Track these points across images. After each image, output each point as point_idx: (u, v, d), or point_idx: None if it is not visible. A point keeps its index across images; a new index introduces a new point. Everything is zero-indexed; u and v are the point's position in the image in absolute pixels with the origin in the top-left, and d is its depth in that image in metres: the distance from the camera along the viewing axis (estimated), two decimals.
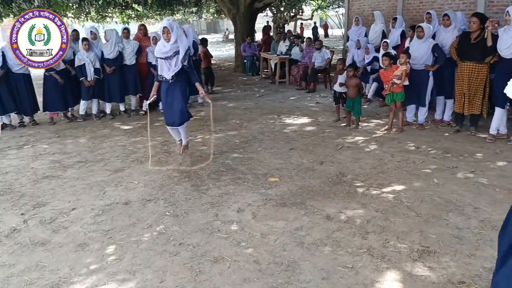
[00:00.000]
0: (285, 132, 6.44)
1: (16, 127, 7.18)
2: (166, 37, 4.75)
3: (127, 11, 16.75)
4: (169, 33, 4.73)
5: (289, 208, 3.88)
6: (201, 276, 2.89)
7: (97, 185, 4.59)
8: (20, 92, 7.00)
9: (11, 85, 6.90)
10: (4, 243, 3.42)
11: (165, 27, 4.76)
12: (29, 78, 7.13)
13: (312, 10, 26.71)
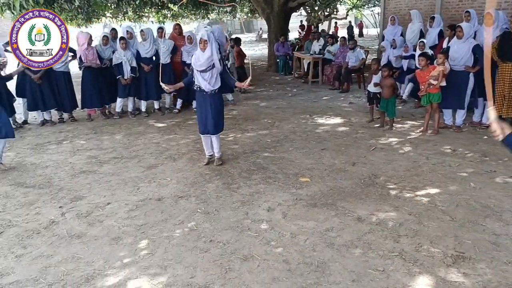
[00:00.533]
0: (317, 132, 6.40)
1: (56, 123, 7.45)
2: (203, 47, 4.69)
3: (163, 10, 17.05)
4: (206, 43, 4.68)
5: (319, 209, 3.86)
6: (230, 274, 2.92)
7: (132, 181, 4.70)
8: (60, 89, 7.25)
9: (52, 83, 7.16)
10: (43, 235, 3.56)
11: (202, 38, 4.69)
12: (68, 76, 7.39)
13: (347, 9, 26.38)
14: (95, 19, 16.63)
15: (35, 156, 5.70)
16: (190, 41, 7.40)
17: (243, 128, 6.80)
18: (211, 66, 4.73)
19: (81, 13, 13.72)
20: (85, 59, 7.16)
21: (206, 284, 2.81)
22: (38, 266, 3.09)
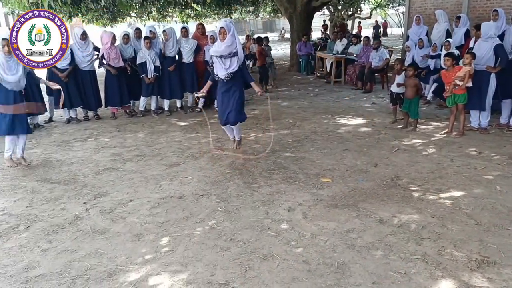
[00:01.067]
0: (339, 133, 6.35)
1: (81, 121, 7.61)
2: (222, 37, 4.78)
3: (187, 10, 17.20)
4: (225, 33, 4.75)
5: (340, 210, 3.83)
6: (250, 273, 2.93)
7: (154, 178, 4.76)
8: (86, 88, 7.41)
9: (78, 81, 7.32)
10: (67, 230, 3.64)
11: (221, 28, 4.78)
12: (94, 75, 7.54)
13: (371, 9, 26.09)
14: (120, 19, 16.91)
15: (61, 152, 5.83)
16: (212, 41, 7.43)
17: (264, 127, 6.80)
18: (232, 54, 4.79)
19: (106, 13, 13.97)
20: (107, 58, 7.28)
21: (226, 283, 2.83)
22: (62, 261, 3.16)
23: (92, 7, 11.27)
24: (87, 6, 10.87)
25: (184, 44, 7.67)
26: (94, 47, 7.43)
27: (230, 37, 4.76)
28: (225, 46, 4.77)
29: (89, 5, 10.80)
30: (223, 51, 4.81)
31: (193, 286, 2.81)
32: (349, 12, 23.20)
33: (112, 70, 7.33)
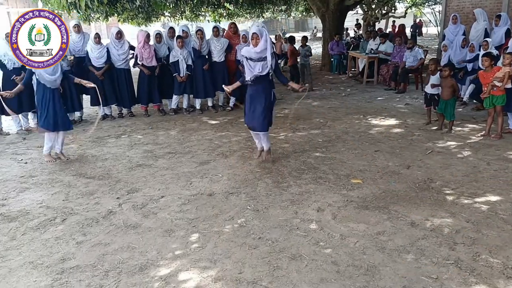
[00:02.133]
0: (371, 133, 6.26)
1: (116, 118, 7.80)
2: (255, 43, 4.70)
3: (219, 9, 17.34)
4: (258, 39, 4.67)
5: (371, 212, 3.78)
6: (278, 272, 2.93)
7: (185, 175, 4.83)
8: (121, 86, 7.59)
9: (113, 79, 7.51)
10: (101, 224, 3.74)
11: (254, 33, 4.71)
12: (129, 73, 7.70)
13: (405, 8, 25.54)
14: (154, 18, 17.22)
15: (95, 148, 6.00)
16: (244, 40, 7.46)
17: (294, 127, 6.78)
18: (261, 58, 4.73)
19: (141, 12, 14.25)
20: (140, 57, 7.43)
21: (254, 280, 2.84)
22: (96, 253, 3.26)
23: (128, 7, 11.52)
24: (123, 5, 11.12)
25: (216, 43, 7.74)
26: (129, 46, 7.59)
27: (262, 43, 4.66)
28: (255, 51, 4.71)
29: (125, 4, 11.04)
30: (251, 54, 4.78)
31: (222, 282, 2.84)
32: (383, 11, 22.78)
33: (144, 70, 7.47)
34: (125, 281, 2.89)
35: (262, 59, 4.73)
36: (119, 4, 10.74)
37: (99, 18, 12.74)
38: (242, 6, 16.56)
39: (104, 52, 7.28)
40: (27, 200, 4.28)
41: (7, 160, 5.59)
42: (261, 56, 4.72)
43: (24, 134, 6.84)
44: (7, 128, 7.08)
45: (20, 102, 6.67)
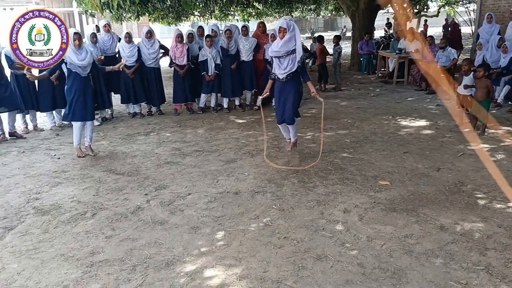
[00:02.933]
0: (400, 135, 6.15)
1: (145, 116, 7.94)
2: (282, 36, 4.75)
3: (248, 9, 17.39)
4: (285, 32, 4.73)
5: (399, 214, 3.72)
6: (303, 272, 2.92)
7: (211, 173, 4.88)
8: (150, 84, 7.71)
9: (143, 78, 7.65)
10: (129, 219, 3.82)
11: (281, 27, 4.76)
12: (159, 72, 7.83)
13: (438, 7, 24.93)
14: (184, 18, 17.42)
15: (125, 145, 6.13)
16: (273, 39, 7.45)
17: (321, 127, 6.72)
18: (290, 52, 4.74)
19: (171, 12, 14.45)
20: (173, 56, 7.54)
21: (279, 280, 2.84)
22: (124, 248, 3.33)
23: (159, 6, 11.69)
24: (153, 5, 11.29)
25: (244, 42, 7.76)
26: (160, 45, 7.71)
27: (290, 33, 4.73)
28: (282, 43, 4.75)
29: (156, 4, 11.21)
30: (280, 49, 4.80)
31: (246, 281, 2.85)
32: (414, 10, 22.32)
33: (178, 69, 7.56)
34: (152, 276, 2.94)
35: (291, 52, 4.74)
36: (150, 4, 10.91)
37: (130, 18, 12.98)
38: (271, 5, 16.54)
39: (135, 51, 7.41)
40: (59, 195, 4.41)
41: (41, 155, 5.78)
42: (289, 50, 4.75)
43: (58, 130, 7.05)
44: (41, 124, 7.32)
45: (54, 98, 6.89)
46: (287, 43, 4.77)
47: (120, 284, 2.87)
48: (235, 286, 2.81)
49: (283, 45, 4.78)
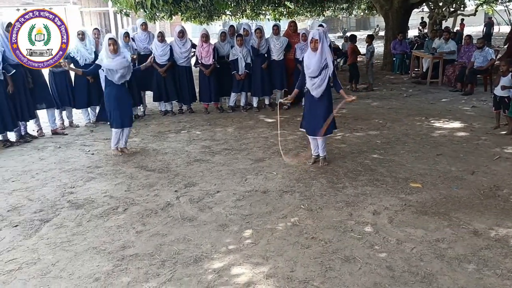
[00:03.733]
0: (433, 136, 6.01)
1: (176, 114, 8.06)
2: (313, 46, 4.63)
3: (280, 8, 17.36)
4: (317, 43, 4.60)
5: (430, 217, 3.63)
6: (330, 273, 2.90)
7: (240, 172, 4.90)
8: (182, 83, 7.82)
9: (175, 76, 7.76)
10: (159, 215, 3.89)
11: (313, 38, 4.63)
12: (190, 70, 7.92)
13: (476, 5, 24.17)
14: (216, 17, 17.56)
15: (156, 142, 6.24)
16: (304, 39, 7.43)
17: (352, 127, 6.66)
18: (322, 68, 4.64)
19: (203, 11, 14.59)
20: (199, 56, 7.61)
21: (306, 280, 2.83)
22: (154, 243, 3.39)
23: (191, 6, 11.84)
24: (186, 4, 11.44)
25: (275, 42, 7.75)
26: (192, 44, 7.80)
27: (320, 48, 4.57)
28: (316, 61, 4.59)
29: (188, 4, 11.35)
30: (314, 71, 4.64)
31: (273, 279, 2.86)
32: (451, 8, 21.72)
33: (203, 69, 7.62)
34: (180, 272, 2.99)
35: (323, 67, 4.63)
36: (182, 3, 11.06)
37: (163, 17, 13.19)
38: (303, 4, 16.45)
39: (167, 50, 7.52)
40: (93, 189, 4.54)
41: (76, 151, 5.96)
42: (322, 66, 4.62)
43: (92, 127, 7.25)
44: (76, 120, 7.54)
45: (89, 96, 7.08)
46: (319, 58, 4.60)
47: (149, 278, 2.93)
48: (262, 284, 2.82)
49: (316, 62, 4.61)
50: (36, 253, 3.30)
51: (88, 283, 2.90)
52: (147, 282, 2.89)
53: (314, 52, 4.66)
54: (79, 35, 6.86)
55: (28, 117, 6.41)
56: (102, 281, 2.91)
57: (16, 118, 6.15)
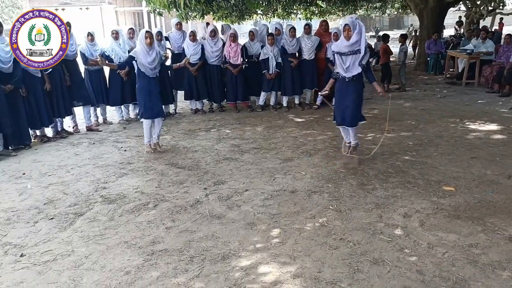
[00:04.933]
0: (468, 139, 5.84)
1: (206, 112, 8.14)
2: (347, 35, 4.61)
3: (311, 7, 17.25)
4: (350, 31, 4.58)
5: (463, 222, 3.54)
6: (358, 275, 2.87)
7: (268, 171, 4.91)
8: (213, 81, 7.89)
9: (206, 75, 7.83)
10: (189, 212, 3.95)
11: (346, 25, 4.63)
12: (221, 69, 7.98)
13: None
14: (247, 17, 17.61)
15: (187, 140, 6.32)
16: (336, 38, 7.35)
17: (383, 128, 6.55)
18: (354, 51, 4.61)
19: (235, 11, 14.67)
20: (228, 56, 7.65)
21: (333, 281, 2.81)
22: (183, 239, 3.44)
23: (223, 5, 11.93)
24: (218, 4, 11.54)
25: (306, 41, 7.71)
26: (223, 43, 7.85)
27: (355, 35, 4.57)
28: (349, 44, 4.62)
29: (220, 3, 11.45)
30: (343, 48, 4.68)
31: (300, 279, 2.85)
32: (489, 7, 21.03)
33: (231, 68, 7.66)
34: (208, 268, 3.02)
35: (355, 52, 4.62)
36: (214, 3, 11.16)
37: (195, 17, 13.34)
38: (335, 3, 16.29)
39: (199, 49, 7.61)
40: (125, 185, 4.65)
41: (109, 147, 6.12)
42: (353, 49, 4.61)
43: (125, 124, 7.42)
44: (110, 118, 7.73)
45: (122, 94, 7.25)
46: (352, 43, 4.60)
47: (178, 273, 2.98)
48: (289, 284, 2.81)
49: (347, 45, 4.65)
50: (70, 245, 3.41)
51: (119, 276, 2.97)
52: (176, 277, 2.93)
53: (347, 40, 4.64)
54: (113, 34, 7.04)
55: (65, 114, 6.63)
56: (132, 275, 2.98)
57: (53, 114, 6.38)
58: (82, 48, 6.83)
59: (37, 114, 6.07)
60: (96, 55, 6.79)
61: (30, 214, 3.98)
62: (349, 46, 4.62)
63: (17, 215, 3.96)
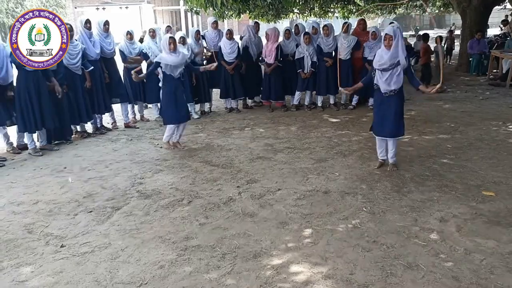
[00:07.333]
0: (510, 142, 5.62)
1: (241, 111, 8.19)
2: (387, 44, 4.45)
3: (349, 6, 17.02)
4: (391, 40, 4.41)
5: (503, 228, 3.41)
6: (391, 279, 2.82)
7: (301, 171, 4.90)
8: (250, 79, 7.93)
9: (242, 74, 7.87)
10: (222, 209, 3.99)
11: (387, 34, 4.45)
12: (258, 67, 8.01)
13: None
14: (284, 15, 17.57)
15: (221, 139, 6.39)
16: (374, 37, 7.25)
17: (421, 130, 6.40)
18: (394, 64, 4.44)
19: (271, 9, 14.67)
20: (264, 54, 7.66)
21: (365, 284, 2.78)
22: (215, 236, 3.49)
23: (259, 4, 11.95)
24: (254, 3, 11.57)
25: (343, 40, 7.61)
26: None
27: (394, 48, 4.39)
28: (389, 57, 4.42)
29: (257, 2, 11.47)
30: (384, 63, 4.47)
31: (332, 281, 2.83)
32: None
33: (266, 67, 7.67)
34: (240, 265, 3.05)
35: (395, 65, 4.44)
36: (251, 1, 11.20)
37: (232, 15, 13.44)
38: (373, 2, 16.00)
39: (235, 47, 7.66)
40: (160, 181, 4.75)
41: (146, 143, 6.27)
42: (393, 63, 4.44)
43: (161, 121, 7.56)
44: (147, 115, 7.91)
45: (159, 92, 7.37)
46: (393, 54, 4.42)
47: (210, 269, 3.02)
48: (320, 285, 2.80)
49: (389, 59, 4.44)
50: (107, 238, 3.53)
51: (153, 270, 3.05)
52: (208, 273, 2.98)
53: (388, 50, 4.48)
54: (150, 33, 7.20)
55: (104, 110, 6.85)
56: (166, 269, 3.05)
57: (92, 111, 6.60)
58: (121, 46, 7.02)
59: (76, 110, 6.29)
60: (134, 53, 6.96)
61: (70, 207, 4.14)
62: (389, 60, 4.43)
63: (59, 207, 4.13)
